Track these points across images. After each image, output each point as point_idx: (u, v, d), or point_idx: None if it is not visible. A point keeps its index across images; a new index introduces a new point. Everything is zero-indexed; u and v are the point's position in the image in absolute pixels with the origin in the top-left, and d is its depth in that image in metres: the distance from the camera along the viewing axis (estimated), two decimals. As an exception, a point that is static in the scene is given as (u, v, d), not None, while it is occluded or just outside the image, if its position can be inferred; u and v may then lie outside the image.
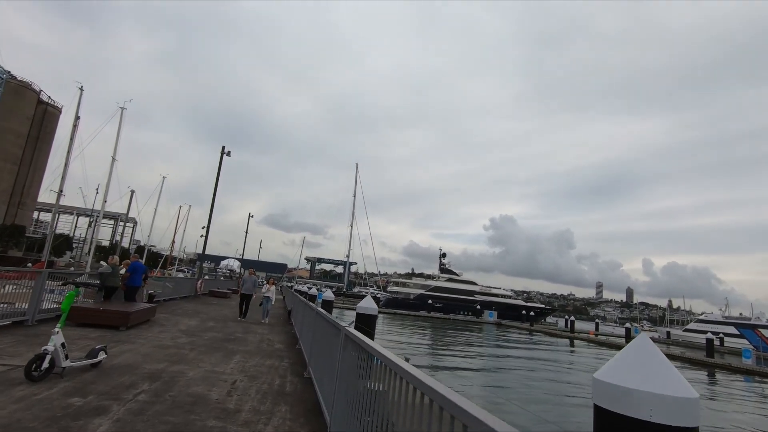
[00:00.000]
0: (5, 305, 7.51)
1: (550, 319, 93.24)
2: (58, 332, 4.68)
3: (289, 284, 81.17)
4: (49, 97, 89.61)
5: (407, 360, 2.44)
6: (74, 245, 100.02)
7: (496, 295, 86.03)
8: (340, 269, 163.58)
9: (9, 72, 77.59)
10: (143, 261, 56.59)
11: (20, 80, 79.86)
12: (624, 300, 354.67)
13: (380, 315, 63.40)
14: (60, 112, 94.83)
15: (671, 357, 36.68)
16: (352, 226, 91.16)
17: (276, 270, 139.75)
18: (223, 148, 22.64)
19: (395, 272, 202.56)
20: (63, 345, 4.73)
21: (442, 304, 77.22)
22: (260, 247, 77.67)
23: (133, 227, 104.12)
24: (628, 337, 51.17)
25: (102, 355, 5.42)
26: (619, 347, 43.82)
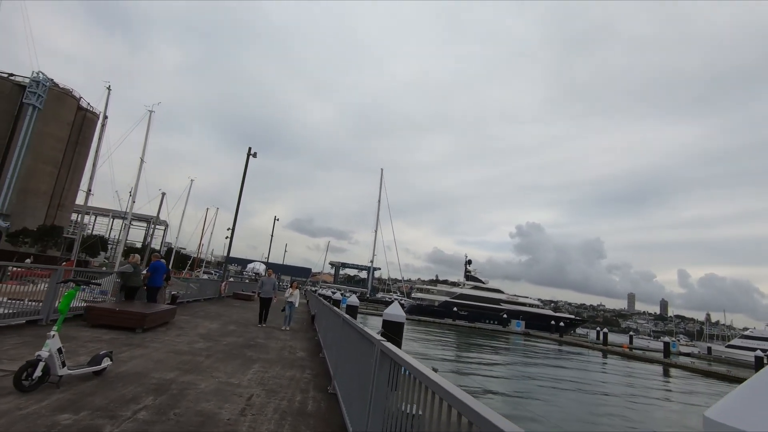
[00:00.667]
0: (18, 302, 7.15)
1: (579, 331, 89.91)
2: (54, 336, 4.14)
3: (313, 288, 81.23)
4: (88, 103, 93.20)
5: (435, 371, 2.05)
6: (109, 246, 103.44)
7: (524, 304, 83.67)
8: (363, 274, 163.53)
9: (52, 80, 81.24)
10: (170, 263, 57.49)
11: (62, 87, 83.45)
12: (658, 312, 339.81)
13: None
14: (98, 118, 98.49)
15: (718, 376, 34.18)
16: (376, 231, 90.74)
17: (300, 274, 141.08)
18: (250, 149, 22.50)
19: (419, 278, 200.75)
20: (60, 350, 4.19)
21: (468, 312, 75.55)
22: (285, 251, 78.20)
23: (165, 229, 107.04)
24: (667, 351, 48.24)
25: (106, 362, 4.87)
26: (657, 362, 41.39)
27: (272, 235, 49.60)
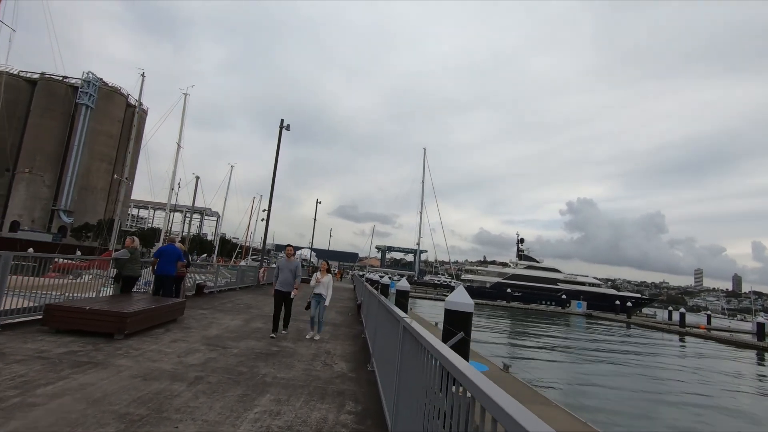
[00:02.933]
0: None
1: (646, 311, 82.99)
2: None
3: (360, 273, 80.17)
4: (136, 99, 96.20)
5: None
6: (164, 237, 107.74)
7: (583, 284, 78.14)
8: (409, 257, 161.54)
9: (101, 79, 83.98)
10: (216, 250, 57.61)
11: (110, 86, 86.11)
12: (730, 288, 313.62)
13: (455, 304, 59.61)
14: (146, 114, 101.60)
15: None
16: (421, 213, 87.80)
17: (347, 259, 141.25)
18: (282, 121, 20.31)
19: (466, 260, 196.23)
20: None
21: (522, 293, 71.50)
22: (330, 236, 77.36)
23: (217, 220, 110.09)
24: (762, 333, 42.00)
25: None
26: (751, 346, 35.84)
27: (315, 219, 48.17)
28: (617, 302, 67.56)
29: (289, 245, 8.43)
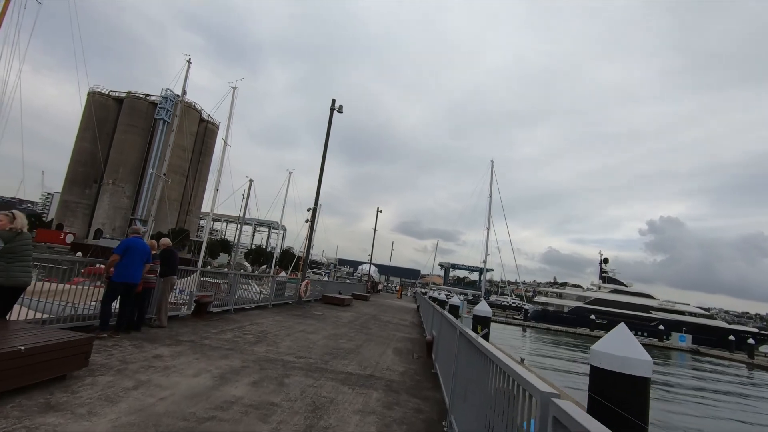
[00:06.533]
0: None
1: (764, 348, 68.97)
2: None
3: (423, 290, 75.06)
4: (209, 115, 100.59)
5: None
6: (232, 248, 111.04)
7: (682, 312, 66.79)
8: (473, 276, 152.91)
9: (178, 95, 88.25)
10: (274, 260, 55.94)
11: (186, 101, 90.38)
12: None
13: (527, 330, 52.67)
14: (218, 129, 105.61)
15: None
16: (488, 229, 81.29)
17: (409, 276, 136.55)
18: (333, 101, 16.85)
19: (534, 280, 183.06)
20: None
21: (606, 320, 62.37)
22: (392, 250, 73.39)
23: (283, 234, 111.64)
24: None
25: None
26: None
27: (375, 229, 44.58)
28: (731, 337, 56.30)
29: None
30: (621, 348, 5.27)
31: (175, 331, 6.94)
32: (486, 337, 13.38)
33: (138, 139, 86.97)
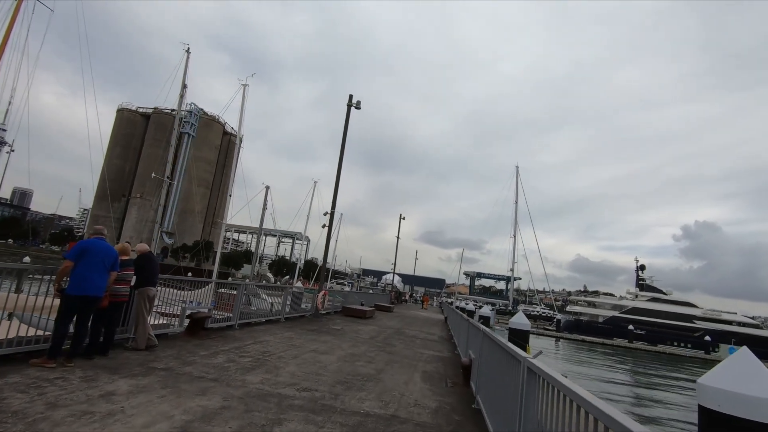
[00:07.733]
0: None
1: (824, 362, 63.33)
2: None
3: (449, 300, 72.81)
4: (232, 128, 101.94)
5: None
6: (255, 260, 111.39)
7: (729, 322, 62.17)
8: (500, 285, 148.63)
9: (202, 109, 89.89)
10: (297, 270, 55.08)
11: (209, 115, 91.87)
12: None
13: (561, 342, 49.65)
14: (241, 142, 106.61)
15: None
16: (515, 236, 78.61)
17: (434, 285, 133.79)
18: (351, 97, 15.66)
19: (563, 289, 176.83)
20: None
21: (645, 331, 58.71)
22: (416, 258, 71.48)
23: (307, 244, 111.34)
24: None
25: None
26: None
27: (398, 236, 43.08)
28: (788, 350, 51.76)
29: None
30: (750, 384, 3.65)
31: (154, 355, 5.68)
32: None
33: (165, 153, 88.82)
